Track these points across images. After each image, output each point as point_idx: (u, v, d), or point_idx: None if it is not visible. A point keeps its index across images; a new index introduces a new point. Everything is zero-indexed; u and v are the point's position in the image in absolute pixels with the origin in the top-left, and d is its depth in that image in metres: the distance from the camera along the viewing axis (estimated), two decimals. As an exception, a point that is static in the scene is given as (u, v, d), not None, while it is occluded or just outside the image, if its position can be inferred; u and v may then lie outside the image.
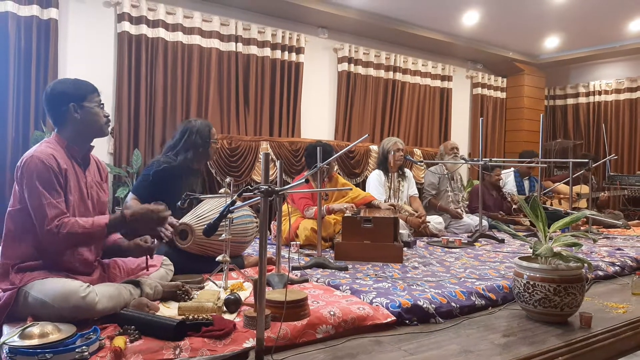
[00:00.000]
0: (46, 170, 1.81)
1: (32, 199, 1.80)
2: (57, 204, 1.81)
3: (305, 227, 3.54)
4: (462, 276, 2.65)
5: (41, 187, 1.79)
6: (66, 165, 1.90)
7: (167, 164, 2.82)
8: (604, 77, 7.40)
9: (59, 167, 1.85)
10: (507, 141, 7.62)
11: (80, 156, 2.01)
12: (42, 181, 1.80)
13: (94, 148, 2.10)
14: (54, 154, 1.86)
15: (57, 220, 1.79)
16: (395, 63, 6.27)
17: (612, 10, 5.37)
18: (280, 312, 1.73)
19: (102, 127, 2.03)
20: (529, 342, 1.81)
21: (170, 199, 2.71)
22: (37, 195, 1.79)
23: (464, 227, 4.67)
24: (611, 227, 4.97)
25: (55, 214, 1.79)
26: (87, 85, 2.02)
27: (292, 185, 1.93)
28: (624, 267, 3.08)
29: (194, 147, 2.92)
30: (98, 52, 4.38)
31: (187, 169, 2.89)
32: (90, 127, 1.99)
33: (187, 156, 2.89)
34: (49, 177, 1.81)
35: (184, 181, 2.87)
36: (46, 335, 1.52)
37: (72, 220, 1.82)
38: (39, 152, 1.84)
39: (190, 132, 2.92)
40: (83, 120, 1.96)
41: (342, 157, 5.08)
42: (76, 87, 1.99)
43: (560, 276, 1.96)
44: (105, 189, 2.15)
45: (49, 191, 1.80)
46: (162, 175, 2.79)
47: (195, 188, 2.95)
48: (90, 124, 1.98)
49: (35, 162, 1.81)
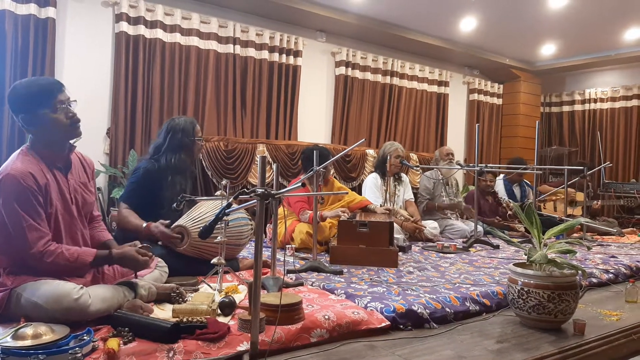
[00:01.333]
0: (23, 191, 1.73)
1: (11, 221, 1.74)
2: (38, 225, 1.76)
3: (301, 230, 3.54)
4: (457, 282, 2.65)
5: (20, 209, 1.73)
6: (46, 177, 1.83)
7: (152, 169, 2.76)
8: (600, 84, 7.45)
9: (37, 184, 1.77)
10: (502, 147, 7.65)
11: (59, 161, 1.92)
12: (20, 203, 1.73)
13: (75, 148, 2.01)
14: (31, 170, 1.77)
15: (42, 245, 1.75)
16: (392, 68, 6.28)
17: (608, 18, 5.41)
18: (275, 315, 1.73)
19: (65, 132, 1.88)
20: (522, 348, 1.81)
21: (159, 201, 2.72)
22: (17, 218, 1.73)
23: (459, 232, 4.68)
24: (605, 234, 5.00)
25: (36, 237, 1.75)
26: (40, 88, 1.84)
27: (288, 189, 1.93)
28: (618, 274, 3.09)
29: (179, 146, 2.85)
30: (95, 51, 4.37)
31: (173, 168, 2.83)
32: (52, 133, 1.86)
33: (172, 155, 2.82)
34: (27, 197, 1.74)
35: (172, 182, 2.82)
36: (39, 336, 1.51)
37: (57, 250, 1.78)
38: (15, 171, 1.74)
39: (174, 130, 2.86)
40: (40, 130, 1.85)
41: (339, 161, 5.08)
42: (27, 92, 1.83)
43: (554, 283, 1.97)
44: (91, 188, 2.08)
45: (28, 213, 1.74)
46: (148, 181, 2.73)
47: (185, 187, 2.91)
48: (48, 132, 1.85)
49: (12, 181, 1.73)
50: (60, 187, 1.90)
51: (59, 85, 1.90)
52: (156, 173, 2.76)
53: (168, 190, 2.76)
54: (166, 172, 2.79)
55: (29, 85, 1.86)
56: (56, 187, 1.88)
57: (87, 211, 2.06)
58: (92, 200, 2.09)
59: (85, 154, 2.16)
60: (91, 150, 4.07)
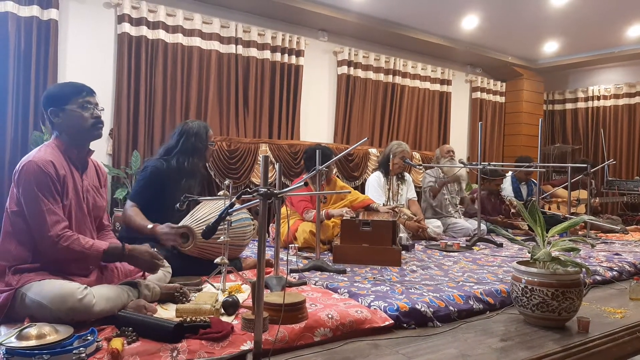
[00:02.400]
0: (44, 177, 1.81)
1: (30, 205, 1.80)
2: (56, 210, 1.82)
3: (304, 229, 3.54)
4: (461, 280, 2.65)
5: (40, 193, 1.80)
6: (64, 170, 1.91)
7: (160, 168, 2.77)
8: (603, 82, 7.42)
9: (57, 173, 1.86)
10: (505, 145, 7.63)
11: (78, 159, 2.01)
12: (40, 187, 1.80)
13: (93, 152, 2.09)
14: (52, 159, 1.86)
15: (60, 229, 1.81)
16: (394, 66, 6.28)
17: (611, 16, 5.39)
18: (278, 314, 1.73)
19: (88, 129, 1.97)
20: (526, 346, 1.81)
21: (167, 202, 2.70)
22: (36, 202, 1.79)
23: (462, 231, 4.67)
24: (609, 232, 4.98)
25: (54, 220, 1.81)
26: (73, 87, 1.97)
27: (291, 188, 1.93)
28: (622, 272, 3.08)
29: (191, 150, 2.87)
30: (98, 53, 4.38)
31: (184, 171, 2.84)
32: (74, 130, 1.96)
33: (184, 159, 2.84)
34: (47, 183, 1.82)
35: (181, 183, 2.83)
36: (44, 336, 1.51)
37: (73, 236, 1.84)
38: (37, 158, 1.83)
39: (187, 134, 2.88)
40: (66, 123, 1.94)
41: (341, 160, 5.08)
42: (60, 90, 1.97)
43: (558, 281, 1.97)
44: (103, 194, 2.15)
45: (47, 197, 1.81)
46: (156, 179, 2.74)
47: (193, 190, 2.92)
48: (72, 126, 1.95)
49: (34, 167, 1.81)
50: (75, 184, 1.97)
51: (91, 90, 2.02)
52: (165, 172, 2.77)
53: (177, 192, 2.74)
54: (176, 174, 2.80)
55: (64, 85, 2.01)
56: (72, 182, 1.95)
57: (97, 214, 2.09)
58: (103, 204, 2.14)
59: (100, 163, 2.23)
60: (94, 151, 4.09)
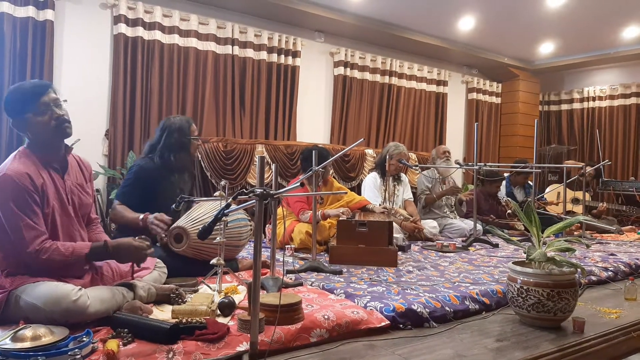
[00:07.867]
0: (19, 191, 1.76)
1: (8, 220, 1.76)
2: (35, 224, 1.77)
3: (300, 230, 3.54)
4: (456, 280, 2.65)
5: (17, 208, 1.75)
6: (42, 178, 1.85)
7: (145, 167, 2.75)
8: (598, 83, 7.46)
9: (33, 184, 1.79)
10: (501, 146, 7.66)
11: (55, 162, 1.94)
12: (16, 202, 1.75)
13: (72, 149, 2.03)
14: (27, 170, 1.79)
15: (38, 243, 1.76)
16: (391, 67, 6.29)
17: (606, 17, 5.42)
18: (274, 315, 1.73)
19: (53, 133, 1.88)
20: (522, 346, 1.81)
21: (157, 200, 2.69)
22: (13, 217, 1.75)
23: (458, 231, 4.68)
24: (604, 232, 5.00)
25: (33, 236, 1.76)
26: (23, 94, 1.86)
27: (287, 189, 1.93)
28: (617, 272, 3.09)
29: (175, 145, 2.82)
30: (94, 53, 4.37)
31: (170, 168, 2.82)
32: (41, 137, 1.88)
33: (168, 154, 2.80)
34: (23, 197, 1.76)
35: (169, 181, 2.81)
36: (39, 338, 1.50)
37: (52, 246, 1.79)
38: (12, 171, 1.77)
39: (170, 129, 2.83)
40: (31, 131, 1.87)
41: (338, 161, 5.08)
42: (12, 100, 1.87)
43: (553, 281, 1.97)
44: (88, 190, 2.09)
45: (25, 212, 1.76)
46: (143, 179, 2.72)
47: (183, 187, 2.89)
48: (38, 134, 1.88)
49: (9, 181, 1.75)
50: (57, 188, 1.92)
51: (43, 87, 1.90)
52: (151, 171, 2.75)
53: (165, 189, 2.75)
54: (161, 170, 2.78)
55: (14, 91, 1.89)
56: (53, 187, 1.90)
57: (84, 212, 2.06)
58: (89, 202, 2.10)
59: (83, 157, 2.17)
60: (90, 152, 4.09)
